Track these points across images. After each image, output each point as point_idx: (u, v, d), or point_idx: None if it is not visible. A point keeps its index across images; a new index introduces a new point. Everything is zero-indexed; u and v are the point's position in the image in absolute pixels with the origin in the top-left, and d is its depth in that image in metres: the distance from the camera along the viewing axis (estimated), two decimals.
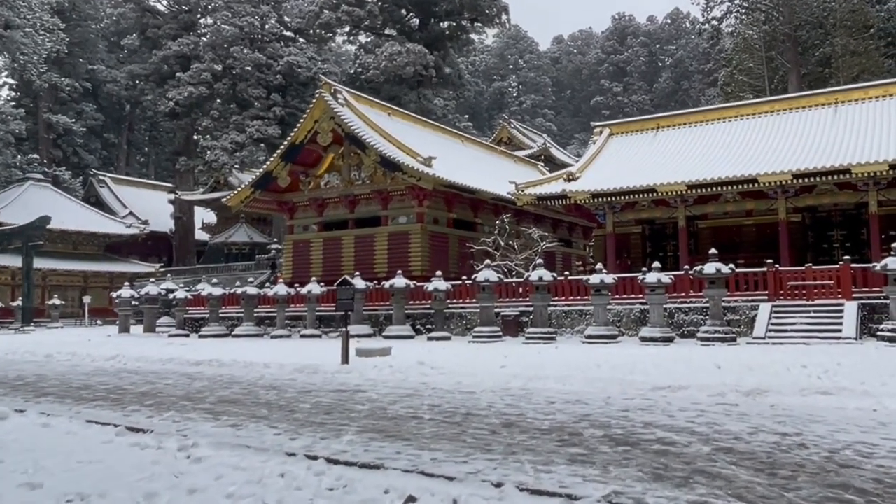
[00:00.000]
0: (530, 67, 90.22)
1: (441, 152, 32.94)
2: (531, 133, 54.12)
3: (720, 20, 52.23)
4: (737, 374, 12.12)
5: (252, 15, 47.56)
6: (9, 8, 44.87)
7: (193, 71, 46.11)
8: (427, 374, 13.26)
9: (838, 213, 26.99)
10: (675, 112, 35.73)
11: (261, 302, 28.51)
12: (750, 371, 12.66)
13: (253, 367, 15.55)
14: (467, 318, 25.17)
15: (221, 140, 44.85)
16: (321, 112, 29.68)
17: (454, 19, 51.51)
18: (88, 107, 63.17)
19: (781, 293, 21.92)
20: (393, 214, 30.09)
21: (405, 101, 46.32)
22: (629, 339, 22.17)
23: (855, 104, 28.59)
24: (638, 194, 26.68)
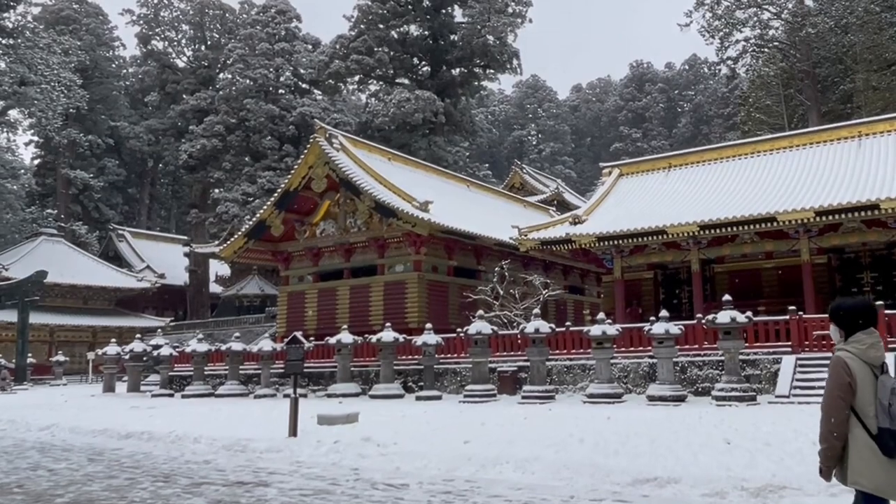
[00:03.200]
0: (549, 116, 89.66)
1: (444, 198, 31.70)
2: (544, 178, 52.81)
3: (735, 60, 50.90)
4: (749, 456, 9.93)
5: (266, 67, 47.73)
6: (25, 65, 45.50)
7: (207, 124, 46.19)
8: (365, 456, 11.53)
9: (868, 253, 24.87)
10: (687, 150, 34.12)
11: (247, 359, 27.06)
12: (766, 448, 10.48)
13: (182, 442, 14.13)
14: (461, 375, 23.33)
15: (233, 192, 44.41)
16: (315, 157, 28.73)
17: (465, 66, 51.09)
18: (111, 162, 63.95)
19: (807, 344, 19.73)
20: (389, 263, 28.68)
21: (415, 148, 45.54)
22: (637, 397, 20.09)
23: (880, 136, 26.76)
24: (647, 237, 24.89)
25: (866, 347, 3.66)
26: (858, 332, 3.73)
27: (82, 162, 60.50)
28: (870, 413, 3.54)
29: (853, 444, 3.57)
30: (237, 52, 47.18)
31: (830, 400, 3.62)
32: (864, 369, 3.62)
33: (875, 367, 3.65)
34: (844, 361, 3.62)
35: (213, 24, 53.57)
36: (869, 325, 3.77)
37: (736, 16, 49.36)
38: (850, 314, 3.78)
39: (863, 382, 3.58)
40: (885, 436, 3.49)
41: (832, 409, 3.59)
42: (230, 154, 46.14)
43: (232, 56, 47.41)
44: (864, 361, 3.63)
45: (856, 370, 3.60)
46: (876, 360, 3.67)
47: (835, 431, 3.59)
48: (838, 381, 3.60)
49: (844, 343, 3.77)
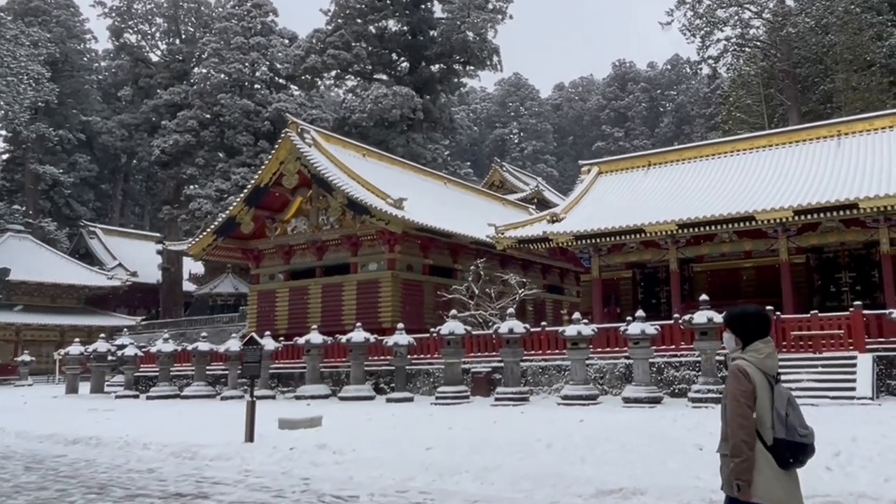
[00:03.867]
0: (531, 114, 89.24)
1: (420, 195, 31.06)
2: (525, 176, 52.29)
3: (717, 59, 50.73)
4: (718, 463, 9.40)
5: (241, 62, 46.71)
6: None
7: (180, 119, 45.08)
8: (319, 465, 10.90)
9: (846, 253, 24.60)
10: (667, 149, 33.79)
11: (214, 359, 26.23)
12: None
13: (130, 448, 13.44)
14: (434, 376, 22.70)
15: (206, 188, 43.38)
16: (287, 153, 27.97)
17: (445, 62, 50.43)
18: (82, 157, 62.46)
19: (784, 345, 19.35)
20: (363, 261, 27.98)
21: (393, 145, 44.80)
22: (613, 398, 19.62)
23: (859, 136, 26.57)
24: (625, 235, 24.45)
25: (764, 356, 3.58)
26: (756, 340, 3.64)
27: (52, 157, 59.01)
28: (766, 423, 3.45)
29: (757, 455, 3.47)
30: (211, 46, 46.14)
31: (739, 409, 3.47)
32: (762, 378, 3.53)
33: (771, 376, 3.57)
34: (744, 369, 3.52)
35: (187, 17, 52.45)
36: (765, 334, 3.71)
37: (717, 15, 49.21)
38: (747, 322, 3.71)
39: (760, 392, 3.49)
40: (782, 447, 3.42)
41: (742, 418, 3.45)
42: (204, 150, 45.10)
43: (206, 50, 46.35)
44: (762, 370, 3.54)
45: (756, 379, 3.51)
46: (772, 370, 3.60)
47: (748, 441, 3.44)
48: (742, 388, 3.48)
49: (742, 352, 3.66)
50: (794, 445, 3.46)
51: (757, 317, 3.73)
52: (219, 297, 44.87)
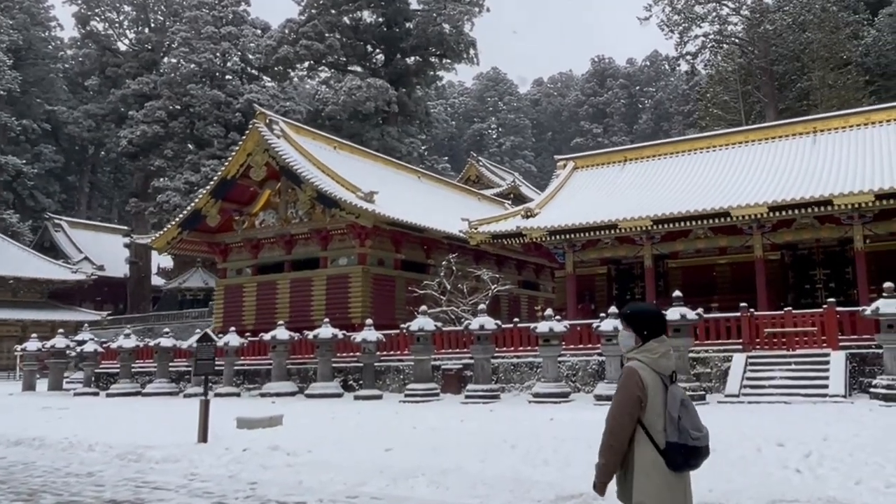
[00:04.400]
0: (510, 109, 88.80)
1: (393, 189, 30.45)
2: (501, 171, 51.80)
3: (694, 55, 50.66)
4: None
5: (212, 52, 45.56)
6: None
7: (148, 109, 43.86)
8: (269, 468, 10.31)
9: (821, 250, 24.49)
10: (643, 144, 33.49)
11: (178, 355, 25.43)
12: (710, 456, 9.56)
13: (74, 449, 12.74)
14: (404, 373, 22.15)
15: (175, 180, 42.30)
16: (254, 144, 27.18)
17: (420, 55, 49.72)
18: (47, 148, 60.73)
19: (758, 342, 19.13)
20: (333, 256, 27.29)
21: (367, 138, 44.04)
22: (585, 396, 19.26)
23: (835, 133, 26.49)
24: (599, 231, 24.10)
25: (658, 356, 3.48)
26: (651, 339, 3.53)
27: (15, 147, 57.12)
28: (658, 427, 3.37)
29: (639, 460, 3.38)
30: (181, 36, 44.95)
31: (618, 413, 3.41)
32: (655, 379, 3.44)
33: (665, 376, 3.48)
34: (638, 373, 3.42)
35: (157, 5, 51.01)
36: (661, 333, 3.60)
37: (695, 10, 49.11)
38: (644, 321, 3.60)
39: (653, 394, 3.40)
40: (673, 450, 3.34)
41: (617, 423, 3.39)
42: (173, 141, 43.95)
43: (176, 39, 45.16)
44: (655, 371, 3.46)
45: (647, 381, 3.41)
46: (666, 370, 3.50)
47: (614, 445, 3.40)
48: (629, 394, 3.39)
49: (636, 351, 3.56)
50: (685, 449, 3.35)
51: (654, 315, 3.64)
52: (188, 291, 43.87)
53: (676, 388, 3.48)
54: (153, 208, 42.12)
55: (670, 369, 3.54)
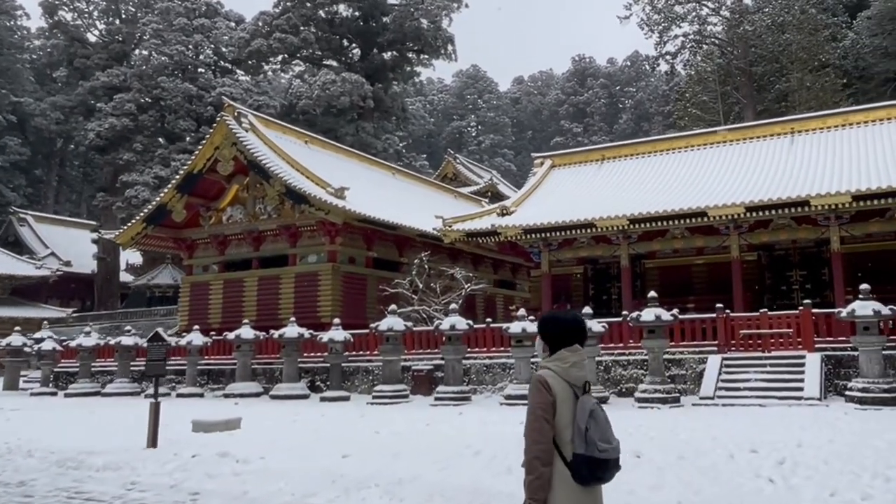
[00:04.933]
0: (490, 107, 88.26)
1: (366, 185, 29.82)
2: (479, 169, 51.27)
3: (674, 55, 50.54)
4: (657, 473, 8.52)
5: (184, 44, 44.44)
6: None
7: (117, 101, 42.62)
8: (215, 476, 9.68)
9: (797, 251, 24.29)
10: (621, 142, 33.18)
11: (140, 354, 24.53)
12: (678, 463, 9.13)
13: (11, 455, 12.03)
14: (373, 374, 21.53)
15: (144, 175, 41.18)
16: (222, 138, 26.37)
17: (397, 50, 48.99)
18: (13, 141, 58.93)
19: (733, 343, 18.83)
20: (302, 253, 26.55)
21: (341, 133, 43.23)
22: None
23: (812, 134, 26.40)
24: (575, 230, 23.70)
25: (569, 366, 3.35)
26: (563, 348, 3.39)
27: None
28: (566, 438, 3.26)
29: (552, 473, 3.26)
30: (152, 27, 43.73)
31: (535, 422, 3.26)
32: (565, 389, 3.31)
33: (577, 387, 3.35)
34: (545, 379, 3.30)
35: None
36: (573, 342, 3.44)
37: (675, 10, 49.00)
38: (555, 329, 3.47)
39: (563, 404, 3.28)
40: (579, 462, 3.22)
41: (537, 433, 3.24)
42: (142, 135, 42.74)
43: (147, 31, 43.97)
44: (566, 381, 3.32)
45: (556, 389, 3.28)
46: (578, 380, 3.36)
47: (541, 457, 3.23)
48: (541, 401, 3.26)
49: (548, 360, 3.44)
50: (592, 461, 3.21)
51: (565, 323, 3.47)
52: (157, 288, 42.77)
53: (587, 398, 3.33)
54: (121, 203, 40.96)
55: (582, 379, 3.37)
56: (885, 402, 14.80)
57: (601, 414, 3.31)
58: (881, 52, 47.77)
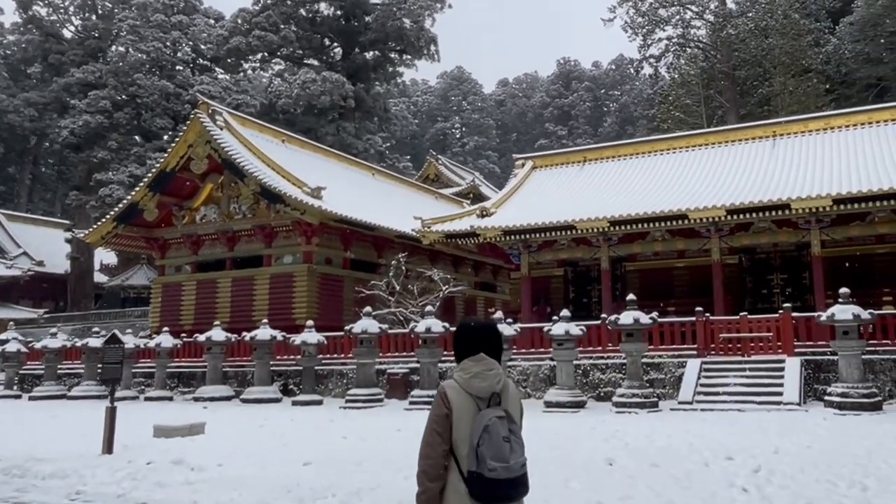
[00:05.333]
0: (474, 109, 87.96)
1: (345, 185, 29.37)
2: (461, 171, 50.88)
3: (658, 58, 50.48)
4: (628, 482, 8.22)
5: (161, 41, 43.65)
6: None
7: (91, 98, 41.75)
8: (166, 485, 9.21)
9: (778, 254, 24.12)
10: (603, 144, 32.99)
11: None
12: (651, 471, 8.81)
13: None
14: (348, 377, 21.04)
15: (119, 173, 40.36)
16: (196, 135, 25.78)
17: (379, 49, 48.51)
18: None
19: (713, 347, 18.59)
20: (277, 254, 26.00)
21: (322, 133, 42.68)
22: (536, 402, 18.47)
23: (794, 137, 26.33)
24: (555, 231, 23.38)
25: (470, 377, 3.15)
26: (467, 358, 3.20)
27: None
28: (463, 453, 3.08)
29: (449, 488, 3.09)
30: (129, 23, 42.87)
31: (426, 435, 3.13)
32: (467, 401, 3.11)
33: (480, 399, 3.12)
34: (444, 392, 3.15)
35: None
36: (479, 351, 3.19)
37: (659, 14, 48.93)
38: (460, 337, 3.29)
39: (461, 417, 3.08)
40: (472, 480, 3.03)
41: (426, 447, 3.12)
42: (118, 133, 41.88)
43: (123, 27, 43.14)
44: (468, 393, 3.12)
45: (456, 402, 3.10)
46: (481, 392, 3.12)
47: (428, 472, 3.09)
48: (435, 413, 3.13)
49: (456, 369, 3.28)
50: (482, 480, 2.99)
51: (469, 331, 3.24)
52: (132, 289, 41.93)
53: (488, 411, 3.07)
54: (95, 202, 40.09)
55: (486, 391, 3.09)
56: (864, 407, 14.63)
57: (498, 430, 3.01)
58: (863, 57, 48.00)
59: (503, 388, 3.13)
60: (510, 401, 3.15)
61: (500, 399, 3.11)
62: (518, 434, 3.09)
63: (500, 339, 3.30)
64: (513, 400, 3.17)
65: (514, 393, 3.21)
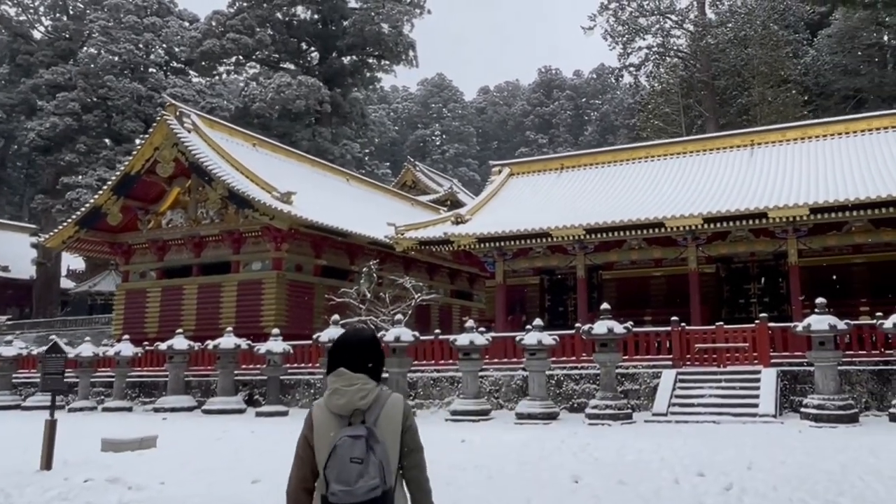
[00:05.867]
0: (455, 116, 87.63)
1: (318, 191, 28.78)
2: (439, 178, 50.37)
3: (638, 67, 50.44)
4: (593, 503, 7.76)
5: (133, 42, 42.76)
6: None
7: (60, 100, 40.76)
8: None
9: (756, 264, 23.89)
10: (581, 152, 32.74)
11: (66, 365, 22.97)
12: (618, 489, 8.38)
13: None
14: (316, 387, 20.39)
15: (87, 177, 39.38)
16: (163, 138, 25.06)
17: (357, 54, 47.99)
18: None
19: (689, 357, 18.22)
20: (245, 260, 25.28)
21: (297, 138, 42.02)
22: (507, 413, 18.05)
23: (772, 146, 26.25)
24: (530, 239, 22.98)
25: (329, 393, 2.90)
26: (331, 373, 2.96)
27: None
28: (319, 472, 2.85)
29: None
30: (100, 24, 41.97)
31: (295, 455, 2.95)
32: (330, 420, 2.86)
33: (342, 417, 2.85)
34: (311, 411, 2.95)
35: None
36: (339, 366, 2.93)
37: (639, 22, 48.92)
38: (329, 351, 3.07)
39: (322, 437, 2.83)
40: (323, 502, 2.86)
41: (292, 468, 2.93)
42: (87, 135, 40.90)
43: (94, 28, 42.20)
44: (329, 409, 2.88)
45: (318, 421, 2.88)
46: (341, 409, 2.85)
47: (288, 496, 2.91)
48: (300, 434, 2.94)
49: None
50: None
51: (335, 344, 3.02)
52: (99, 295, 40.85)
53: (343, 430, 2.84)
54: (62, 206, 39.08)
55: (345, 408, 2.86)
56: (841, 419, 14.32)
57: (347, 450, 2.76)
58: (841, 69, 48.35)
59: (373, 404, 2.84)
60: (384, 418, 2.85)
61: (363, 416, 2.84)
62: (381, 454, 2.76)
63: (368, 351, 2.95)
64: (388, 417, 2.86)
65: (394, 409, 2.89)
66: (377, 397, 2.87)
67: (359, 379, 2.87)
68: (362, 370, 2.89)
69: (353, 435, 2.76)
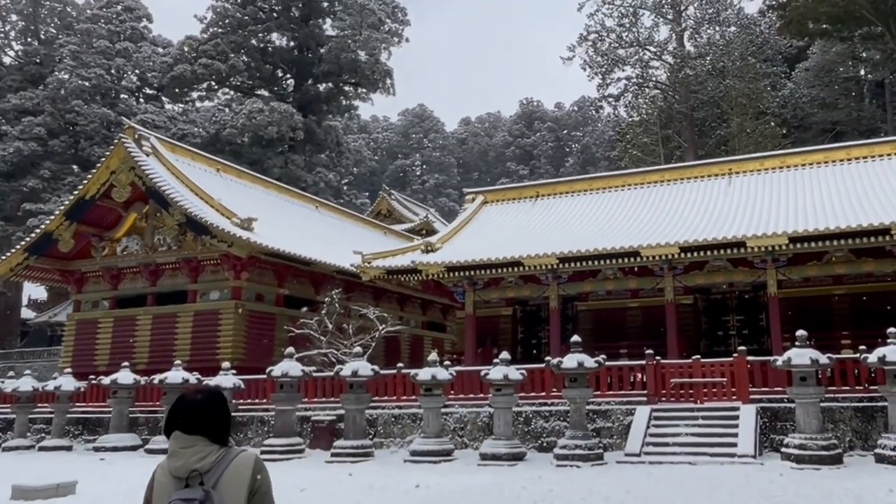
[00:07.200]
0: (435, 147, 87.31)
1: (284, 218, 27.81)
2: (415, 207, 49.58)
3: (617, 98, 50.32)
4: None
5: (104, 67, 41.94)
6: None
7: (25, 125, 39.70)
8: None
9: (734, 295, 23.07)
10: (557, 179, 32.04)
11: (4, 400, 21.60)
12: None
13: None
14: (269, 424, 19.08)
15: (50, 203, 38.17)
16: (119, 161, 24.00)
17: (333, 81, 47.42)
18: None
19: (664, 393, 17.21)
20: (203, 289, 24.07)
21: (269, 165, 41.11)
22: (472, 453, 16.87)
23: (750, 175, 25.75)
24: (502, 268, 21.94)
25: (168, 455, 2.87)
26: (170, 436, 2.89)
27: None
28: None
29: None
30: (70, 48, 41.19)
31: None
32: (170, 483, 2.80)
33: (179, 479, 2.76)
34: (154, 472, 2.91)
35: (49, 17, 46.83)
36: (175, 429, 2.82)
37: (618, 53, 48.93)
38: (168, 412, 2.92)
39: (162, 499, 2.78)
40: None
41: None
42: (52, 161, 39.84)
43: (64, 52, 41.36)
44: (170, 472, 2.82)
45: (158, 483, 2.82)
46: (178, 472, 2.77)
47: None
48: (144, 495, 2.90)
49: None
50: None
51: (171, 406, 2.86)
52: (59, 326, 39.28)
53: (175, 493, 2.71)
54: (22, 233, 37.79)
55: (181, 471, 2.73)
56: (824, 460, 13.36)
57: None
58: (818, 102, 48.55)
59: (214, 466, 2.74)
60: (227, 480, 2.73)
61: (202, 478, 2.74)
62: None
63: (204, 412, 2.81)
64: (232, 479, 2.74)
65: (240, 470, 2.77)
66: (220, 458, 2.78)
67: (197, 441, 2.79)
68: (199, 432, 2.79)
69: (184, 498, 2.68)
